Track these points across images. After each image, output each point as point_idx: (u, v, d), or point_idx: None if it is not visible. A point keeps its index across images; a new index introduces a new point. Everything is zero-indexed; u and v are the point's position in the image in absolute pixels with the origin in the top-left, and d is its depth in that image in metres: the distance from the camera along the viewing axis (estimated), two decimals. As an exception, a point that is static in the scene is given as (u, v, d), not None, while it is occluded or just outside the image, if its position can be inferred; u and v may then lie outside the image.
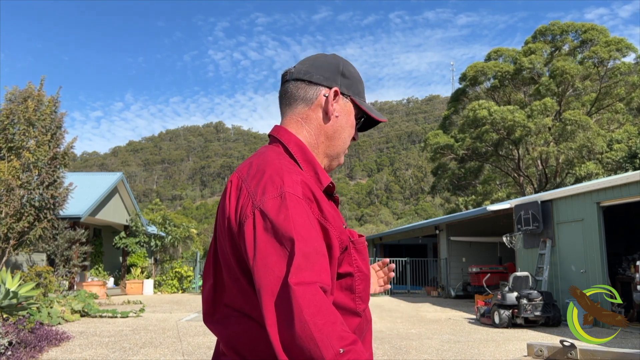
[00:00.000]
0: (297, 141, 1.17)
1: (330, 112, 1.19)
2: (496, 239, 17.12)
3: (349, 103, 1.22)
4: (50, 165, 12.99)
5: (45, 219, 12.81)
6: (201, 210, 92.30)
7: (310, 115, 1.19)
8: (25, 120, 12.79)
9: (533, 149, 26.22)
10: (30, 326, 8.01)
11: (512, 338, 8.93)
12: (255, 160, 1.11)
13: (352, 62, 1.28)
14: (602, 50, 24.96)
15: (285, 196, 0.98)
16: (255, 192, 1.01)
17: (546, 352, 1.82)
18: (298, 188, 1.00)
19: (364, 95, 1.27)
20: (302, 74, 1.21)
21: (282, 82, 1.25)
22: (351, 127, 1.24)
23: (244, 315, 1.04)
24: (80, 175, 20.83)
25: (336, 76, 1.21)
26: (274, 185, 1.00)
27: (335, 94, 1.19)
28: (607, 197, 10.78)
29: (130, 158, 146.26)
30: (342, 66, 1.23)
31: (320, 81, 1.19)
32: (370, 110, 1.25)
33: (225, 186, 1.13)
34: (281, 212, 0.96)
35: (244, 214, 1.00)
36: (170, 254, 22.85)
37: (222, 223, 1.08)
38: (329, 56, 1.25)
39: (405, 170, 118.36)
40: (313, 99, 1.19)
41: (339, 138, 1.21)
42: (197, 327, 9.99)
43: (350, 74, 1.24)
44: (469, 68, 28.81)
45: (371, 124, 1.32)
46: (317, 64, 1.22)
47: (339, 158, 1.25)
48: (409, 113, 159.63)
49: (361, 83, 1.27)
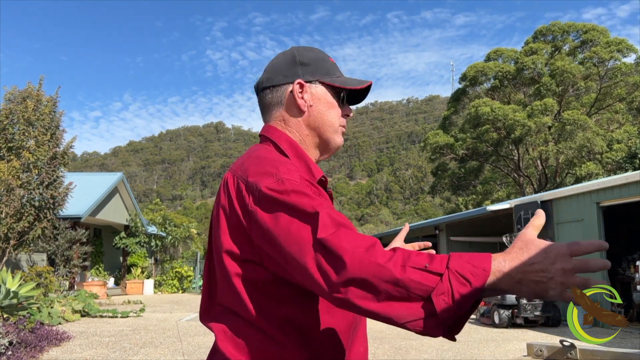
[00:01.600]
0: (287, 138, 1.18)
1: (301, 105, 1.20)
2: (496, 239, 17.10)
3: (319, 86, 1.22)
4: (49, 164, 12.99)
5: (45, 219, 12.81)
6: (201, 210, 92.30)
7: (286, 116, 1.21)
8: (25, 120, 12.79)
9: (533, 149, 26.23)
10: (30, 326, 8.01)
11: (511, 338, 8.93)
12: (247, 158, 1.12)
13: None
14: (602, 50, 24.97)
15: (284, 181, 0.98)
16: (255, 182, 1.01)
17: (546, 352, 1.82)
18: (295, 174, 1.01)
19: (337, 72, 1.25)
20: (265, 81, 1.23)
21: (257, 96, 1.28)
22: (331, 107, 1.22)
23: (232, 313, 1.05)
24: (81, 175, 20.83)
25: (295, 69, 1.21)
26: (271, 174, 1.01)
27: (300, 86, 1.20)
28: (607, 197, 10.79)
29: (131, 158, 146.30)
30: (298, 56, 1.23)
31: (282, 81, 1.21)
32: (347, 83, 1.23)
33: (220, 183, 1.13)
34: (285, 192, 0.97)
35: (248, 207, 1.01)
36: (171, 254, 22.86)
37: (217, 221, 1.08)
38: (285, 52, 1.26)
39: (405, 170, 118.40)
40: (282, 100, 1.21)
41: (324, 123, 1.21)
42: (197, 327, 9.99)
43: (310, 59, 1.23)
44: (469, 68, 28.82)
45: (361, 93, 1.29)
46: (275, 67, 1.24)
47: (335, 140, 1.24)
48: (409, 113, 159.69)
49: (326, 61, 1.25)
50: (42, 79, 13.78)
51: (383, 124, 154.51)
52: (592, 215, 11.05)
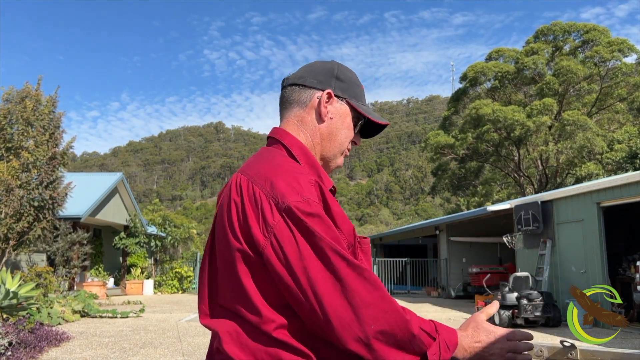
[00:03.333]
0: (300, 144, 1.20)
1: (323, 114, 1.22)
2: (496, 239, 17.10)
3: (344, 105, 1.25)
4: (49, 165, 12.97)
5: (44, 219, 12.80)
6: (201, 211, 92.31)
7: (305, 118, 1.23)
8: (24, 120, 12.77)
9: (533, 149, 26.23)
10: (30, 326, 8.01)
11: (512, 338, 8.91)
12: (263, 164, 1.11)
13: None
14: (604, 50, 24.97)
15: (310, 203, 1.01)
16: (282, 196, 1.01)
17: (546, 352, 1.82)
18: (314, 193, 1.04)
19: (363, 100, 1.29)
20: (297, 78, 1.25)
21: (281, 88, 1.30)
22: (347, 129, 1.26)
23: (237, 316, 1.04)
24: (81, 175, 20.82)
25: (330, 79, 1.24)
26: (296, 190, 1.02)
27: (328, 96, 1.22)
28: (607, 198, 10.78)
29: (131, 158, 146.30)
30: (337, 70, 1.26)
31: (314, 84, 1.23)
32: (369, 113, 1.27)
33: (228, 187, 1.11)
34: (310, 216, 1.00)
35: (267, 218, 1.01)
36: (171, 254, 22.85)
37: (227, 222, 1.06)
38: (326, 62, 1.29)
39: (405, 171, 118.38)
40: (307, 101, 1.23)
41: (335, 140, 1.24)
42: (197, 327, 9.99)
43: (347, 78, 1.27)
44: (469, 68, 28.81)
45: (375, 129, 1.33)
46: (312, 69, 1.27)
47: (336, 160, 1.27)
48: (409, 113, 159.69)
49: (359, 87, 1.29)
50: (41, 78, 13.75)
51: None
52: (592, 215, 11.04)
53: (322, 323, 0.97)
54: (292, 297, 0.99)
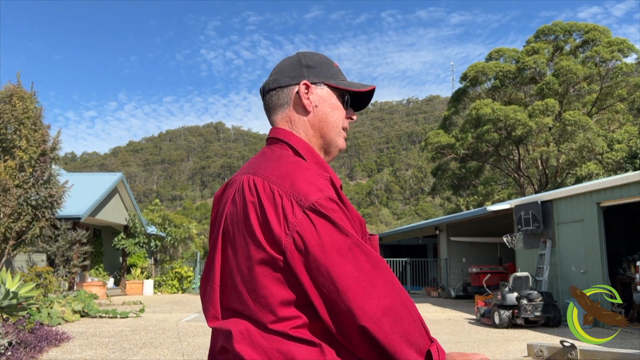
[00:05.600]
0: (304, 144, 1.20)
1: (307, 106, 1.22)
2: (496, 239, 17.11)
3: (324, 89, 1.25)
4: (40, 161, 12.91)
5: (43, 218, 12.78)
6: (201, 211, 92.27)
7: (292, 116, 1.23)
8: (15, 119, 12.71)
9: (534, 149, 26.23)
10: (30, 326, 8.00)
11: (512, 338, 8.92)
12: (272, 162, 1.10)
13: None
14: (604, 50, 24.96)
15: (331, 199, 1.02)
16: (305, 193, 1.01)
17: (546, 352, 1.82)
18: (331, 187, 1.06)
19: (342, 76, 1.29)
20: (272, 83, 1.26)
21: (262, 99, 1.30)
22: (336, 109, 1.26)
23: (250, 316, 1.03)
24: (80, 175, 20.82)
25: (301, 70, 1.24)
26: (317, 187, 1.03)
27: (305, 87, 1.22)
28: (607, 197, 10.78)
29: (130, 158, 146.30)
30: (304, 59, 1.26)
31: (288, 82, 1.24)
32: (351, 85, 1.27)
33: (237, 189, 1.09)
34: (333, 211, 1.01)
35: (288, 216, 1.00)
36: (170, 255, 22.85)
37: (243, 226, 1.04)
38: (291, 57, 1.30)
39: (405, 171, 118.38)
40: (288, 100, 1.23)
41: (327, 124, 1.24)
42: (197, 327, 9.99)
43: (316, 62, 1.26)
44: (469, 68, 28.81)
45: (365, 98, 1.33)
46: (281, 69, 1.27)
47: (337, 142, 1.27)
48: (409, 113, 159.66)
49: (332, 66, 1.29)
50: (19, 75, 13.63)
51: (383, 124, 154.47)
52: (592, 215, 11.04)
53: (345, 318, 0.97)
54: (316, 293, 0.99)
